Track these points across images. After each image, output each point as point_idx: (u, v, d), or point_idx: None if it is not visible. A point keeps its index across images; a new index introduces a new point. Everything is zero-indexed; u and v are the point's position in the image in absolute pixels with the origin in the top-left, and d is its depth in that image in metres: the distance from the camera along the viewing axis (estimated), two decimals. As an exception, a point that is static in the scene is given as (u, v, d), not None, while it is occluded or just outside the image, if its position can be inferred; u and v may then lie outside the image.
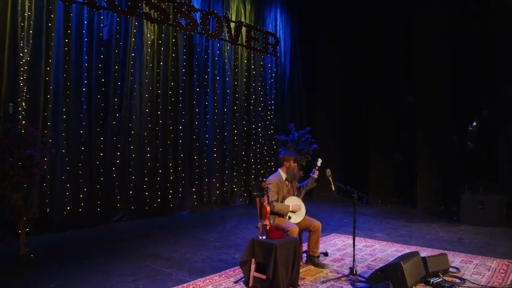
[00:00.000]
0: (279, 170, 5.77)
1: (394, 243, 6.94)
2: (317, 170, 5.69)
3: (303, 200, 5.73)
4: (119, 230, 7.70)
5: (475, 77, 10.03)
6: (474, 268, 5.66)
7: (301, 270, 5.31)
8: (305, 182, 5.78)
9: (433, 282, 4.93)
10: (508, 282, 5.11)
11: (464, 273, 5.43)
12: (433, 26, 10.25)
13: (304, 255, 5.84)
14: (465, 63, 10.14)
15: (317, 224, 5.62)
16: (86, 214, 7.79)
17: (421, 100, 10.43)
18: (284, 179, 5.67)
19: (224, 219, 8.82)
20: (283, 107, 12.07)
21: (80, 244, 6.69)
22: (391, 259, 5.89)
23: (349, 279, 5.17)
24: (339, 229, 8.05)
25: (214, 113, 10.22)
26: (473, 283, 5.08)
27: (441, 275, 5.12)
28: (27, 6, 7.11)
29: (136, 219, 8.47)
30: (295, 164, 5.70)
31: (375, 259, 6.07)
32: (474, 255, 6.23)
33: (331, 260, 5.95)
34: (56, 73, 7.47)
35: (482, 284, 5.06)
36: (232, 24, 10.38)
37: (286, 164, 5.71)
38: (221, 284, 5.00)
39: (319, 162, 5.77)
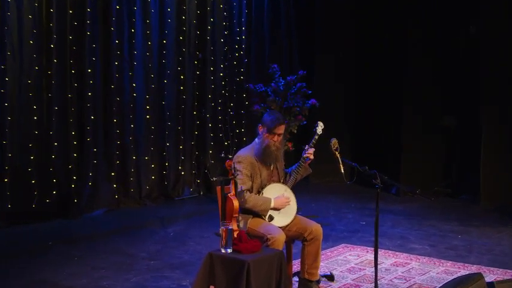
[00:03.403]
0: (255, 141, 5.73)
1: (443, 260, 7.02)
2: (312, 145, 5.66)
3: (294, 190, 5.72)
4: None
5: None
6: None
7: (290, 304, 5.33)
8: (293, 167, 5.76)
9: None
10: None
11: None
12: None
13: (296, 278, 5.86)
14: None
15: (316, 228, 5.61)
16: None
17: (487, 32, 10.44)
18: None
19: (164, 222, 8.81)
20: (261, 37, 11.97)
21: None
22: (438, 286, 5.95)
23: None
24: (351, 237, 8.11)
25: (147, 47, 10.09)
26: None
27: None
28: None
29: (16, 224, 8.40)
30: (271, 136, 5.62)
31: (411, 285, 6.12)
32: None
33: None
34: None
35: None
36: None
37: (260, 128, 5.67)
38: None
39: (320, 127, 5.73)
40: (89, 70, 9.31)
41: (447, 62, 11.24)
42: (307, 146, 5.67)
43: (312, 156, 5.66)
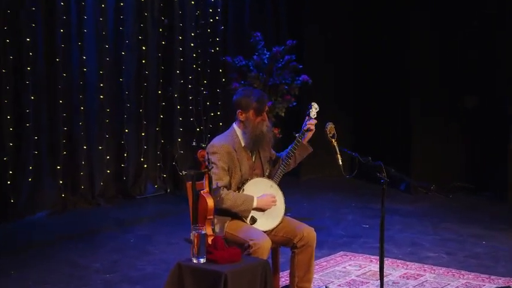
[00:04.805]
0: (234, 126, 5.76)
1: (463, 272, 7.04)
2: (312, 116, 5.67)
3: (281, 187, 5.74)
4: None
5: None
6: None
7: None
8: (289, 147, 5.77)
9: None
10: None
11: None
12: None
13: (284, 294, 5.90)
14: None
15: (308, 232, 5.63)
16: None
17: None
18: (243, 144, 5.68)
19: (123, 226, 8.84)
20: (241, -1, 11.98)
21: None
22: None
23: None
24: (352, 243, 8.15)
25: (100, 10, 10.05)
26: None
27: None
28: None
29: None
30: (261, 118, 5.66)
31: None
32: None
33: (337, 304, 6.07)
34: None
35: None
36: None
37: (240, 115, 5.68)
38: None
39: (314, 110, 5.74)
40: (28, 39, 9.26)
41: (465, 34, 11.33)
42: (307, 118, 5.68)
43: (313, 127, 5.67)
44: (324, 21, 12.49)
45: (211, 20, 11.48)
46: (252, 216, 5.55)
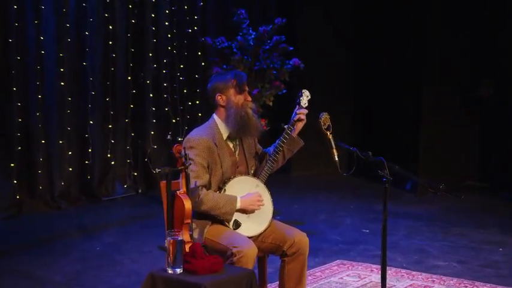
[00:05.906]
0: (214, 117, 5.76)
1: (477, 283, 7.05)
2: (303, 105, 5.65)
3: (268, 186, 5.73)
4: None
5: None
6: None
7: None
8: (277, 141, 5.76)
9: None
10: None
11: None
12: None
13: (272, 309, 5.92)
14: None
15: (299, 239, 5.63)
16: None
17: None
18: (224, 137, 5.69)
19: (88, 232, 8.83)
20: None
21: None
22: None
23: None
24: (350, 250, 8.17)
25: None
26: None
27: None
28: None
29: None
30: (243, 97, 5.67)
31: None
32: None
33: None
34: None
35: None
36: None
37: (220, 99, 5.66)
38: None
39: (305, 98, 5.72)
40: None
41: (464, 34, 11.54)
42: (297, 108, 5.67)
43: (303, 117, 5.65)
44: (320, 10, 12.58)
45: (189, -4, 11.51)
46: (235, 220, 5.54)
